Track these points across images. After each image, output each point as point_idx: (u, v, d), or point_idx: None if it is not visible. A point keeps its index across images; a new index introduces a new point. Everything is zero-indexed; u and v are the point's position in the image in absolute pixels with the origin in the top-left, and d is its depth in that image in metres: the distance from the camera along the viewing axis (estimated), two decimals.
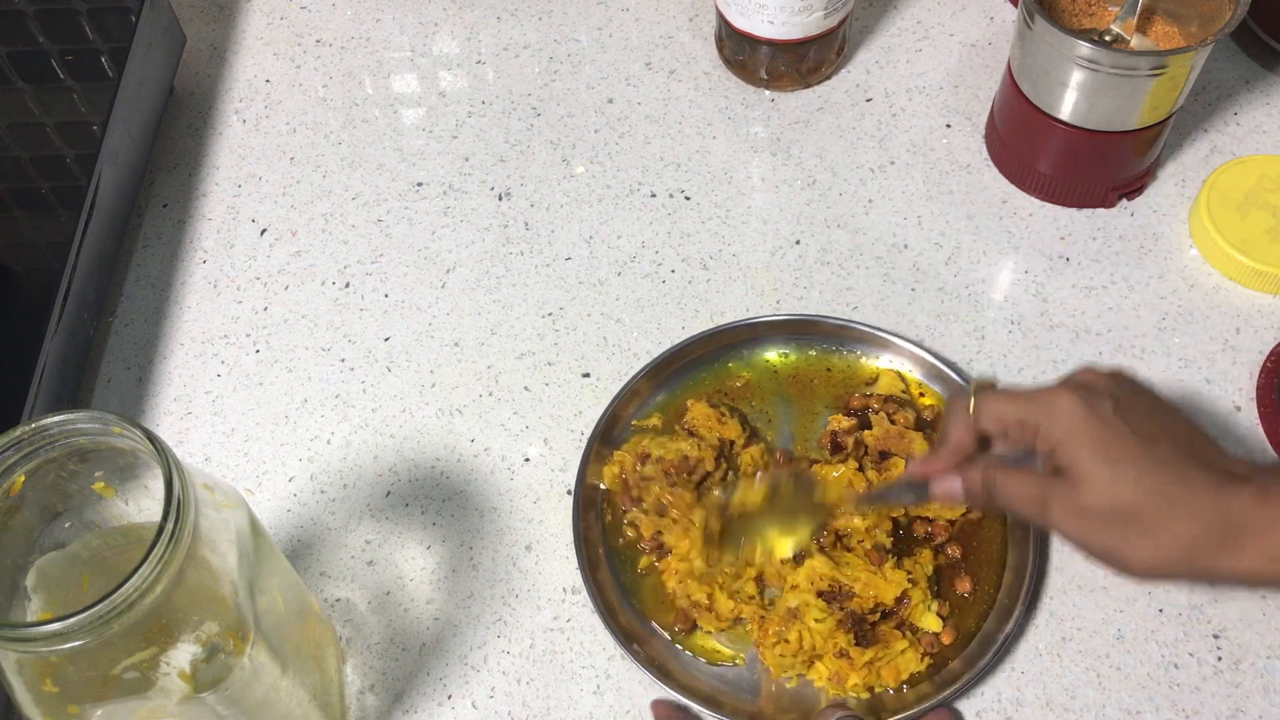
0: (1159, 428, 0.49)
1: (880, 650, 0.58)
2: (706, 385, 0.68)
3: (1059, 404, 0.50)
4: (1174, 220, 0.74)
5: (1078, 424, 0.49)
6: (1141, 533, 0.48)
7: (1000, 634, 0.59)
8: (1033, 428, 0.50)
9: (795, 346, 0.69)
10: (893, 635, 0.59)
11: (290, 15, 0.88)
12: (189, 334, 0.72)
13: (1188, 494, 0.47)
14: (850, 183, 0.77)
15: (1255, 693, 0.58)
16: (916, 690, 0.58)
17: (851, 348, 0.69)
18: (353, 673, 0.60)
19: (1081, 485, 0.49)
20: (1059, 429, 0.49)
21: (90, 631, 0.39)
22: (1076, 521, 0.49)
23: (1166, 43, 0.70)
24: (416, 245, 0.76)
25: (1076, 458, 0.49)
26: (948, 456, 0.54)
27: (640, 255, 0.74)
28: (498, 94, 0.83)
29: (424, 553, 0.64)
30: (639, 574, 0.63)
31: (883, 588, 0.59)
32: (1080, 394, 0.50)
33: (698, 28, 0.85)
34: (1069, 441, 0.49)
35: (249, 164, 0.80)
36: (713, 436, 0.65)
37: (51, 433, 0.43)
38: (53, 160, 0.70)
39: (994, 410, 0.52)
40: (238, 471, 0.67)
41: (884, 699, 0.58)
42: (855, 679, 0.58)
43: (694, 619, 0.60)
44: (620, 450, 0.65)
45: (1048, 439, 0.50)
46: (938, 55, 0.83)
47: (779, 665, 0.59)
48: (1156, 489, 0.47)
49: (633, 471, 0.64)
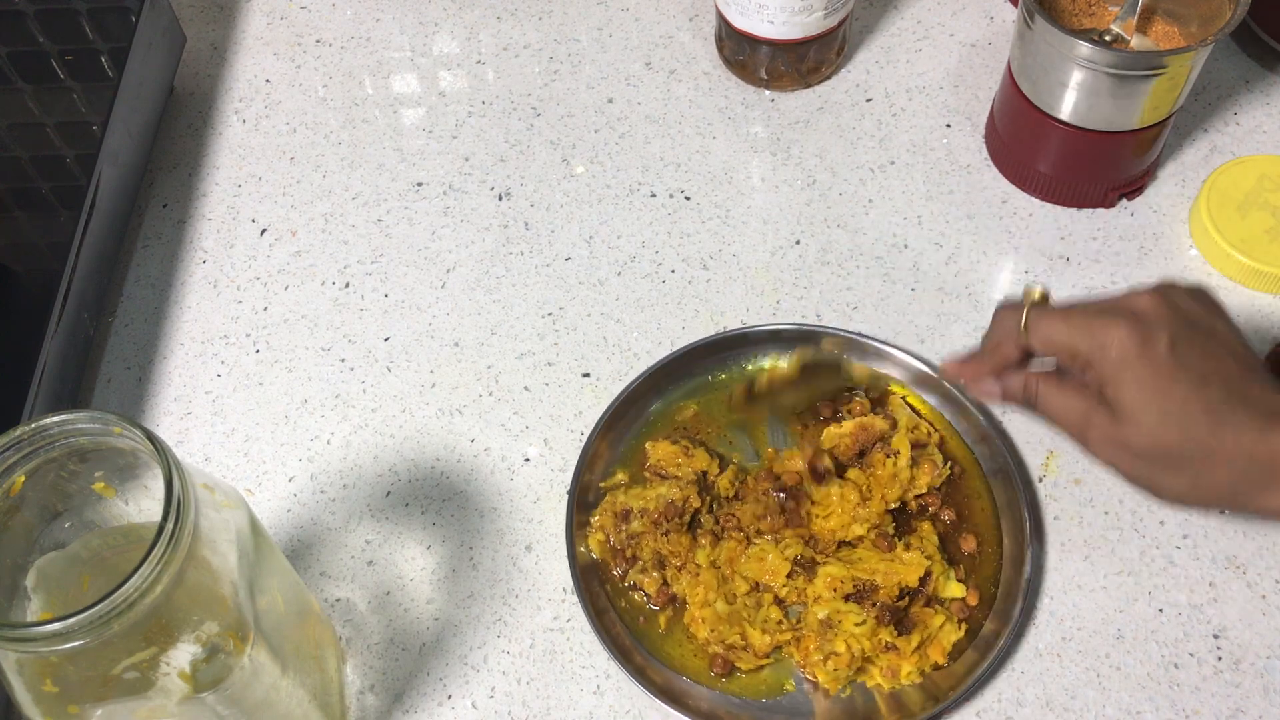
0: (1211, 367, 0.49)
1: (922, 631, 0.59)
2: (658, 424, 0.66)
3: (1112, 338, 0.49)
4: (1174, 220, 0.74)
5: (1130, 362, 0.49)
6: (1181, 473, 0.49)
7: (1021, 579, 0.60)
8: (1084, 359, 0.50)
9: (728, 368, 0.68)
10: (926, 614, 0.59)
11: (290, 15, 0.88)
12: (189, 334, 0.72)
13: (1232, 442, 0.48)
14: (850, 183, 0.77)
15: (1255, 693, 0.58)
16: (964, 660, 0.59)
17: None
18: (353, 673, 0.60)
19: (1126, 423, 0.49)
20: (1110, 365, 0.49)
21: (90, 631, 0.39)
22: (1115, 452, 0.50)
23: (1166, 43, 0.70)
24: (416, 245, 0.76)
25: (1125, 396, 0.49)
26: (990, 366, 0.54)
27: (640, 255, 0.74)
28: (498, 94, 0.83)
29: (424, 553, 0.64)
30: (662, 634, 0.60)
31: (903, 571, 0.59)
32: (1135, 328, 0.49)
33: (698, 28, 0.85)
34: (1119, 379, 0.49)
35: (249, 164, 0.80)
36: (686, 472, 0.63)
37: (51, 433, 0.43)
38: (53, 160, 0.70)
39: (1046, 333, 0.52)
40: (238, 471, 0.67)
41: (936, 680, 0.58)
42: (908, 667, 0.58)
43: (732, 661, 0.59)
44: (597, 516, 0.63)
45: (1099, 373, 0.50)
46: (938, 55, 0.83)
47: (835, 679, 0.58)
48: (1201, 436, 0.48)
49: (618, 533, 0.62)
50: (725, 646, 0.59)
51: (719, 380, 0.68)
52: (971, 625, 0.60)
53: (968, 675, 0.58)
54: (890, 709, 0.58)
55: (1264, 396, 0.49)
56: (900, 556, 0.60)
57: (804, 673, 0.59)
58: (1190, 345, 0.49)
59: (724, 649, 0.59)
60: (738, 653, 0.59)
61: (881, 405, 0.66)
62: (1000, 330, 0.54)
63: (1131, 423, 0.49)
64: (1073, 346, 0.50)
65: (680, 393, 0.67)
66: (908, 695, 0.58)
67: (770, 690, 0.59)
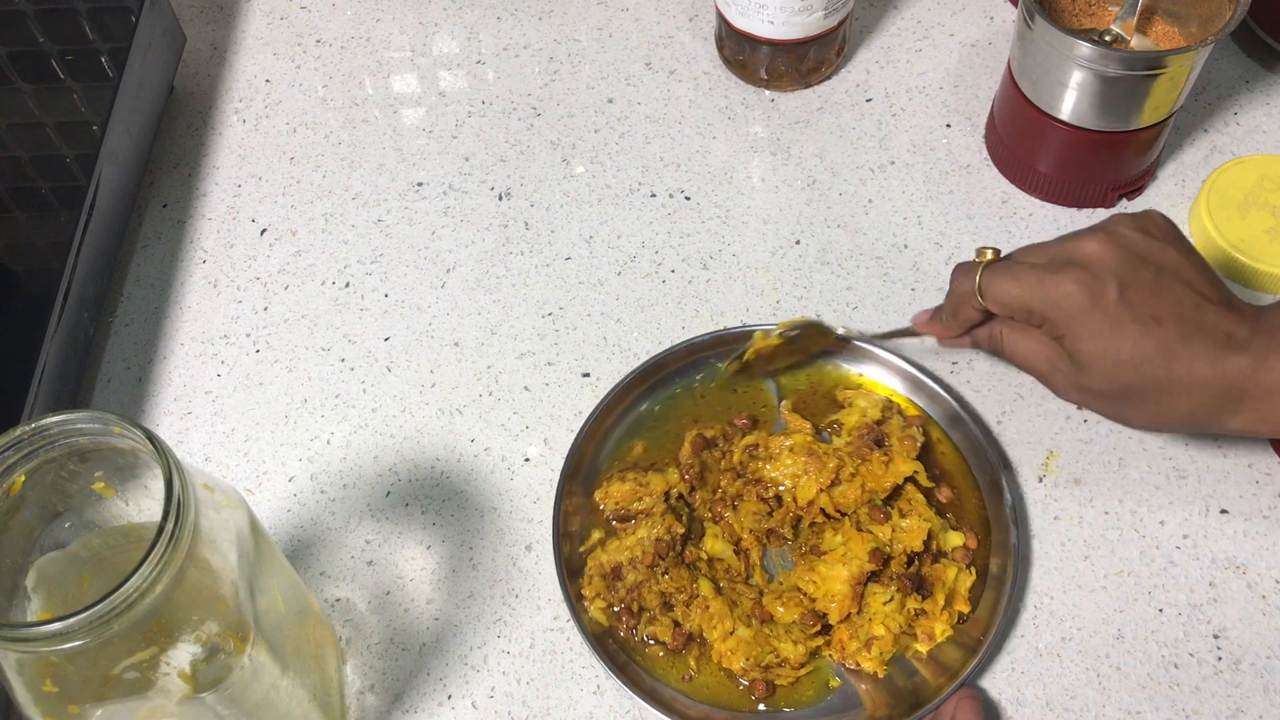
0: (1162, 305, 0.51)
1: (942, 588, 0.59)
2: (606, 469, 0.65)
3: (1062, 293, 0.52)
4: (1174, 220, 0.74)
5: (1079, 316, 0.52)
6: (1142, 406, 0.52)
7: (1004, 508, 0.61)
8: (1038, 316, 0.53)
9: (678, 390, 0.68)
10: (938, 569, 0.60)
11: (290, 15, 0.88)
12: (189, 334, 0.72)
13: (1187, 374, 0.51)
14: (850, 183, 0.77)
15: (1255, 693, 0.58)
16: (984, 603, 0.60)
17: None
18: (353, 673, 0.60)
19: (1085, 370, 0.52)
20: (1062, 321, 0.52)
21: (90, 631, 0.39)
22: (1077, 394, 0.54)
23: (1166, 43, 0.70)
24: (416, 245, 0.76)
25: (1081, 347, 0.52)
26: (954, 328, 0.58)
27: (640, 255, 0.74)
28: (498, 94, 0.83)
29: (424, 553, 0.64)
30: (693, 675, 0.59)
31: (907, 538, 0.60)
32: (1083, 281, 0.52)
33: (698, 28, 0.85)
34: (1073, 332, 0.52)
35: (249, 164, 0.80)
36: (650, 501, 0.62)
37: (51, 433, 0.43)
38: (53, 160, 0.70)
39: (998, 293, 0.54)
40: (238, 471, 0.67)
41: (965, 630, 0.59)
42: (941, 626, 0.59)
43: (771, 681, 0.58)
44: (587, 585, 0.61)
45: (1053, 328, 0.53)
46: (938, 55, 0.83)
47: (881, 662, 0.58)
48: (1157, 374, 0.51)
49: (615, 594, 0.60)
50: (762, 669, 0.58)
51: (665, 412, 0.66)
52: (979, 567, 0.61)
53: (992, 616, 0.59)
54: (934, 673, 0.58)
55: (1217, 323, 0.51)
56: (899, 525, 0.60)
57: (844, 665, 0.59)
58: (1139, 287, 0.51)
59: (761, 671, 0.58)
60: (775, 670, 0.58)
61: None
62: (957, 293, 0.57)
63: (1090, 370, 0.52)
64: (1026, 305, 0.53)
65: (625, 429, 0.66)
66: (945, 653, 0.59)
67: (818, 693, 0.58)
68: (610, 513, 0.63)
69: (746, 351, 0.66)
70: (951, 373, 0.68)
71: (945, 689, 0.57)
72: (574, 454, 0.64)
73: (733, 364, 0.66)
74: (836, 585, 0.59)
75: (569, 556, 0.61)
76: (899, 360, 0.66)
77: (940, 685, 0.57)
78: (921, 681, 0.58)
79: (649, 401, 0.67)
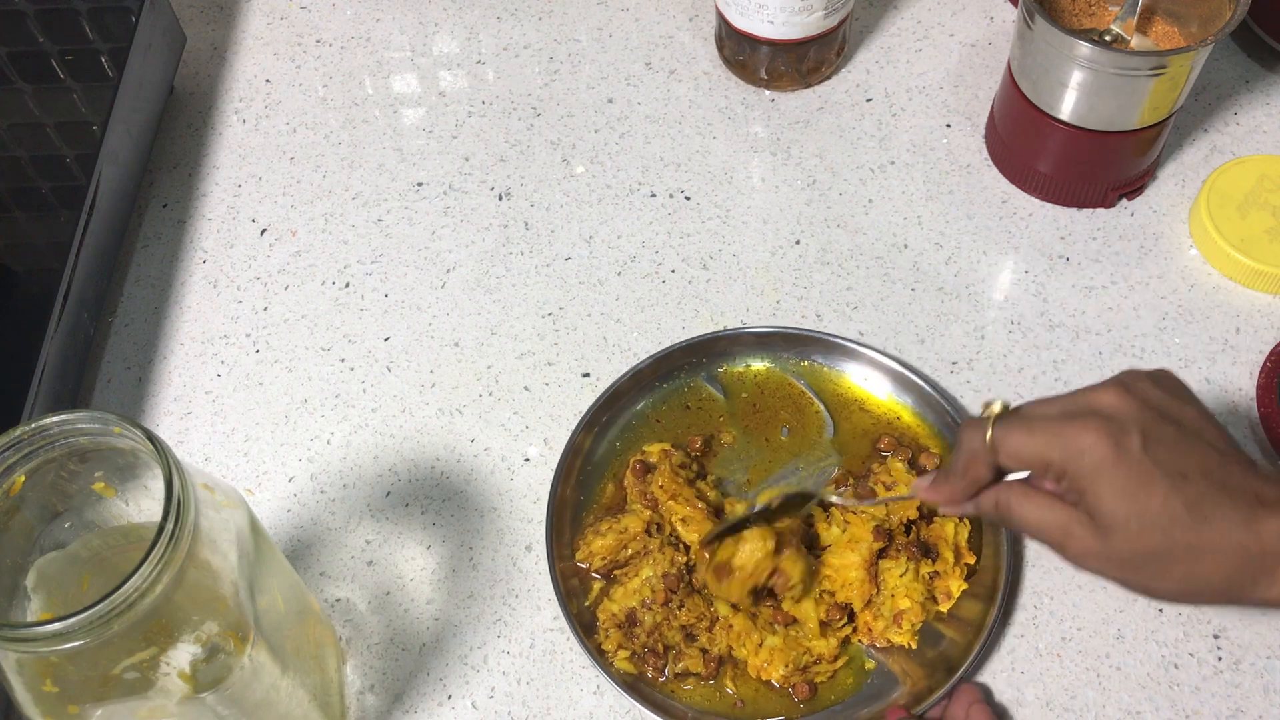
0: (1189, 461, 0.47)
1: (946, 546, 0.60)
2: (584, 523, 0.63)
3: (1084, 444, 0.47)
4: (1174, 220, 0.74)
5: (1105, 468, 0.46)
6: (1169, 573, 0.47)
7: None
8: (1058, 470, 0.48)
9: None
10: (936, 529, 0.61)
11: (290, 15, 0.88)
12: (189, 334, 0.72)
13: (1219, 537, 0.46)
14: (850, 183, 0.77)
15: (1255, 693, 0.58)
16: (988, 549, 0.61)
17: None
18: (353, 673, 0.60)
19: (1108, 533, 0.47)
20: (1084, 473, 0.47)
21: (90, 631, 0.39)
22: (1098, 563, 0.48)
23: (1166, 43, 0.70)
24: (416, 245, 0.76)
25: (1104, 505, 0.47)
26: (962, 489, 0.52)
27: (640, 255, 0.74)
28: (498, 94, 0.83)
29: (424, 553, 0.64)
30: (732, 695, 0.58)
31: (900, 507, 0.61)
32: (1106, 431, 0.47)
33: (698, 28, 0.85)
34: (1095, 487, 0.47)
35: (249, 164, 0.80)
36: (636, 540, 0.61)
37: (51, 433, 0.43)
38: (53, 160, 0.70)
39: (1014, 448, 0.49)
40: (238, 471, 0.67)
41: (977, 581, 0.60)
42: (956, 582, 0.60)
43: (811, 681, 0.58)
44: (605, 638, 0.59)
45: (1074, 484, 0.47)
46: (938, 55, 0.83)
47: (913, 634, 0.59)
48: (1185, 537, 0.46)
49: (636, 641, 0.59)
50: (801, 671, 0.58)
51: (625, 445, 0.66)
52: (972, 520, 0.62)
53: (998, 559, 0.60)
54: (960, 631, 0.59)
55: (1245, 482, 0.47)
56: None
57: (873, 647, 0.59)
58: (1163, 441, 0.47)
59: (800, 674, 0.58)
60: (813, 670, 0.59)
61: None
62: (967, 450, 0.51)
63: (1113, 532, 0.47)
64: (1044, 458, 0.48)
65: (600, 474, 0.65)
66: (964, 609, 0.60)
67: (857, 680, 0.59)
68: (600, 569, 0.61)
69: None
70: (951, 373, 0.68)
71: (974, 646, 0.58)
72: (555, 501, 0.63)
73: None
74: (852, 572, 0.59)
75: (578, 613, 0.60)
76: (895, 364, 0.66)
77: (969, 642, 0.58)
78: (950, 644, 0.59)
79: (645, 399, 0.67)
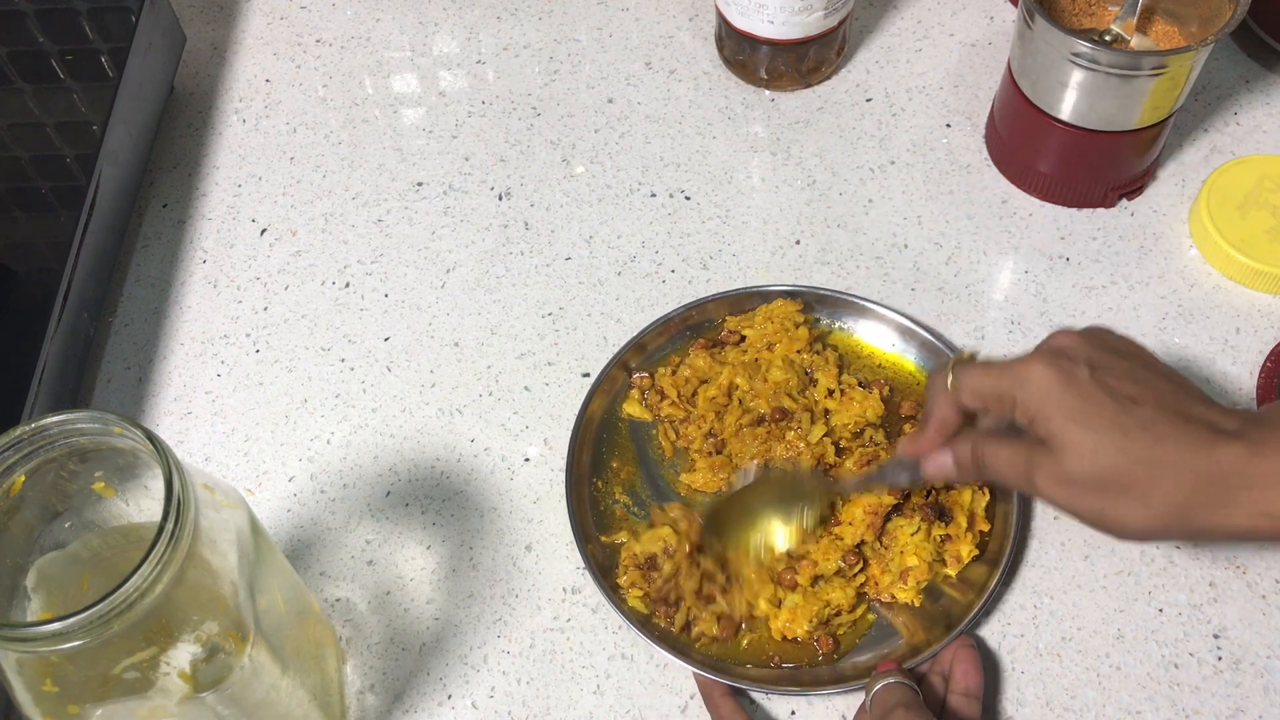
0: (1140, 388, 0.48)
1: (962, 511, 0.61)
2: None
3: (1032, 374, 0.49)
4: (1174, 220, 0.74)
5: (1053, 394, 0.48)
6: (1130, 497, 0.47)
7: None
8: (1010, 400, 0.50)
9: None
10: (954, 495, 0.62)
11: (290, 15, 0.88)
12: (189, 334, 0.72)
13: (1175, 454, 0.46)
14: (850, 183, 0.77)
15: (1255, 693, 0.58)
16: (998, 515, 0.61)
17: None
18: (353, 673, 0.60)
19: (1063, 454, 0.48)
20: (1034, 400, 0.49)
21: (90, 631, 0.39)
22: (1063, 490, 0.49)
23: (1166, 43, 0.70)
24: (416, 245, 0.76)
25: (1055, 427, 0.48)
26: (934, 434, 0.54)
27: (640, 255, 0.74)
28: (498, 94, 0.83)
29: (424, 553, 0.64)
30: (780, 653, 0.59)
31: None
32: (1053, 361, 0.49)
33: (698, 28, 0.85)
34: (1045, 412, 0.48)
35: (249, 164, 0.80)
36: (666, 541, 0.61)
37: (51, 433, 0.43)
38: (53, 160, 0.70)
39: (971, 385, 0.52)
40: (238, 471, 0.67)
41: (986, 543, 0.61)
42: (967, 548, 0.60)
43: (834, 635, 0.59)
44: (622, 573, 0.61)
45: (1025, 411, 0.49)
46: (938, 55, 0.83)
47: (917, 592, 0.60)
48: (1141, 453, 0.47)
49: (651, 584, 0.60)
50: (824, 624, 0.59)
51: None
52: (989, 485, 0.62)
53: (1006, 525, 0.61)
54: (961, 591, 0.60)
55: (1201, 413, 0.47)
56: None
57: (878, 600, 0.60)
58: (1112, 370, 0.48)
59: (824, 628, 0.59)
60: (834, 622, 0.60)
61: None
62: (934, 397, 0.54)
63: (1068, 452, 0.48)
64: (997, 391, 0.50)
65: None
66: (969, 571, 0.60)
67: (860, 628, 0.60)
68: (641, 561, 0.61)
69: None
70: None
71: (975, 605, 0.59)
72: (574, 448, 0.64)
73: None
74: (857, 511, 0.60)
75: (593, 551, 0.61)
76: (908, 322, 0.68)
77: (970, 601, 0.59)
78: (951, 601, 0.60)
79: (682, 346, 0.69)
